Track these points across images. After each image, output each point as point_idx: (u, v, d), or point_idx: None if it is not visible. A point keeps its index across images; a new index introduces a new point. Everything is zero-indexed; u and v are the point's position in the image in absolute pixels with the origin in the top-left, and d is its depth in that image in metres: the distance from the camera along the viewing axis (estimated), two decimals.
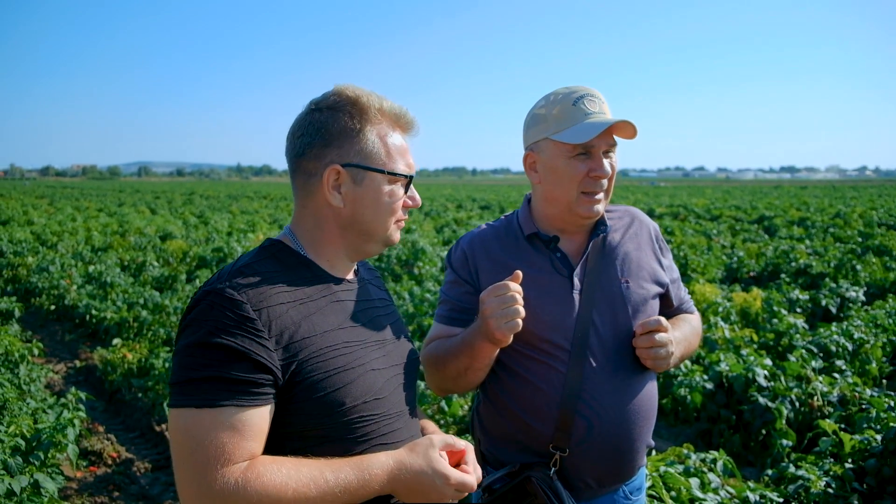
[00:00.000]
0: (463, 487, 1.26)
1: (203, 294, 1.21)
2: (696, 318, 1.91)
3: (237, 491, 1.10)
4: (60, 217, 21.82)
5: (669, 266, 1.83)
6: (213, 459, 1.11)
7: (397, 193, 1.36)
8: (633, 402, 1.65)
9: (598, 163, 1.64)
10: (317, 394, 1.21)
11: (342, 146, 1.32)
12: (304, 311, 1.25)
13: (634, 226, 1.81)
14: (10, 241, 13.17)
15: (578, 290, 1.67)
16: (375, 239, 1.38)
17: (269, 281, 1.25)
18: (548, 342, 1.65)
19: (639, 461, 1.70)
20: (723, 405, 4.64)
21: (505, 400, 1.71)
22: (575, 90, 1.67)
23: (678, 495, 2.98)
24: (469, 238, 1.82)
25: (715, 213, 23.49)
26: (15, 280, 10.44)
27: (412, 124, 1.41)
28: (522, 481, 1.59)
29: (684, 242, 13.59)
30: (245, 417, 1.14)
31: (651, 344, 1.59)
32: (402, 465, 1.23)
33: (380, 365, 1.34)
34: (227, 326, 1.16)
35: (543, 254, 1.72)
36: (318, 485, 1.15)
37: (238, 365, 1.15)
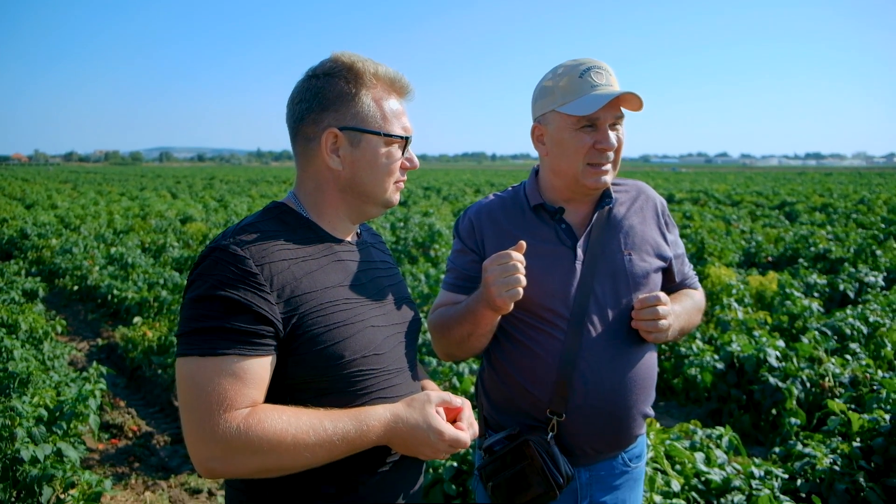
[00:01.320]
0: (456, 443, 1.31)
1: (208, 250, 1.27)
2: (698, 294, 1.92)
3: (239, 435, 1.16)
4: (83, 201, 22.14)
5: (674, 241, 1.85)
6: (216, 405, 1.17)
7: (394, 155, 1.41)
8: (630, 371, 1.68)
9: (604, 135, 1.66)
10: (317, 346, 1.26)
11: (339, 110, 1.36)
12: (305, 268, 1.31)
13: (640, 200, 1.83)
14: (34, 224, 13.44)
15: (581, 261, 1.70)
16: (374, 200, 1.43)
17: (272, 239, 1.30)
18: (549, 310, 1.69)
19: (636, 429, 1.73)
20: (733, 385, 4.66)
21: (506, 366, 1.76)
22: (582, 62, 1.68)
23: (683, 469, 3.03)
24: (476, 208, 1.86)
25: (736, 199, 23.26)
26: (39, 261, 10.65)
27: (407, 88, 1.45)
28: (521, 444, 1.64)
29: (703, 227, 13.51)
30: (247, 366, 1.20)
31: (652, 316, 1.62)
32: (398, 419, 1.28)
33: (379, 323, 1.39)
34: (231, 280, 1.21)
35: (548, 224, 1.76)
36: (317, 432, 1.21)
37: (240, 316, 1.20)
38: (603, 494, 1.74)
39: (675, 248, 1.85)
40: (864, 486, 3.08)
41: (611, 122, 1.67)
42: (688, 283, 1.92)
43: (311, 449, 1.20)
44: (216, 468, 1.19)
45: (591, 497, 1.73)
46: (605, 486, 1.74)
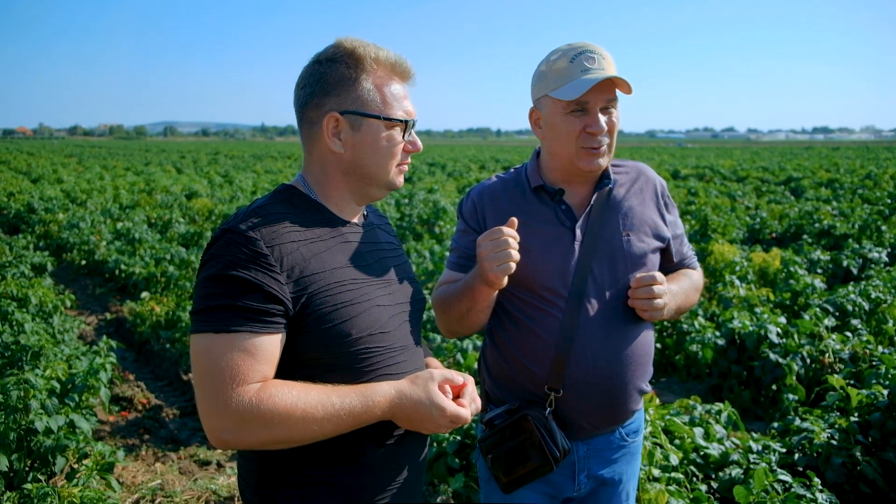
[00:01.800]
0: (457, 419, 1.36)
1: (221, 232, 1.31)
2: (697, 274, 1.95)
3: (250, 408, 1.21)
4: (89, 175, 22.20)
5: (673, 222, 1.87)
6: (229, 379, 1.22)
7: (395, 138, 1.44)
8: (626, 348, 1.72)
9: (594, 119, 1.69)
10: (325, 325, 1.31)
11: (340, 95, 1.39)
12: (313, 249, 1.35)
13: (640, 181, 1.85)
14: (41, 199, 13.50)
15: (580, 241, 1.74)
16: (377, 183, 1.46)
17: (281, 220, 1.34)
18: (548, 289, 1.73)
19: (632, 404, 1.78)
20: (734, 361, 4.72)
21: (507, 343, 1.81)
22: (575, 47, 1.71)
23: (682, 443, 3.09)
24: (479, 189, 1.90)
25: (741, 175, 23.18)
26: (47, 236, 10.73)
27: (409, 72, 1.47)
28: (520, 419, 1.69)
29: (708, 203, 13.50)
30: (258, 342, 1.25)
31: (647, 295, 1.66)
32: (402, 395, 1.33)
33: (385, 302, 1.43)
34: (242, 261, 1.26)
35: (548, 206, 1.79)
36: (325, 407, 1.26)
37: (252, 295, 1.25)
38: (600, 468, 1.79)
39: (674, 229, 1.88)
40: (861, 461, 3.13)
41: (602, 105, 1.70)
42: (686, 263, 1.95)
43: (318, 422, 1.25)
44: (229, 439, 1.24)
45: (588, 470, 1.78)
46: (602, 460, 1.79)
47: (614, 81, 1.68)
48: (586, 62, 1.68)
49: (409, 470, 1.46)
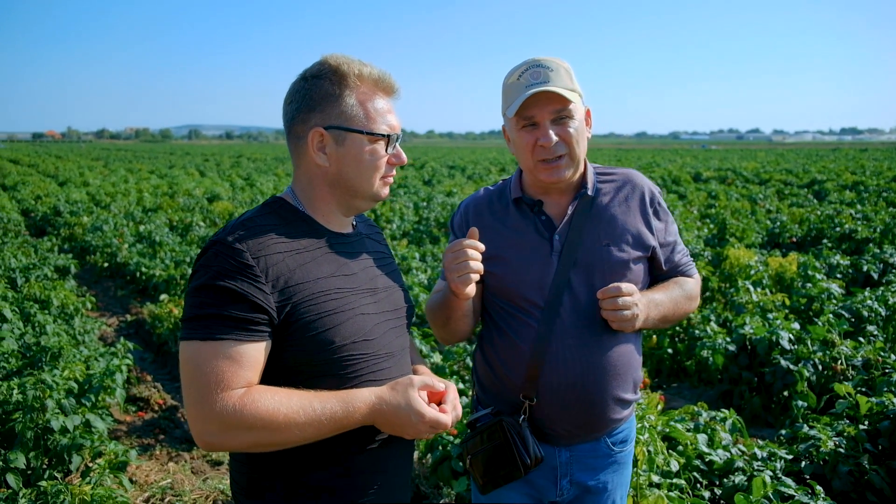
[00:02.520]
0: (436, 425, 1.39)
1: (210, 244, 1.37)
2: (691, 282, 1.93)
3: (234, 413, 1.26)
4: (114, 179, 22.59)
5: (663, 230, 1.87)
6: (214, 385, 1.27)
7: (378, 152, 1.48)
8: (602, 357, 1.74)
9: (543, 132, 1.71)
10: (309, 332, 1.36)
11: (324, 110, 1.45)
12: (299, 260, 1.40)
13: (626, 189, 1.85)
14: (66, 202, 13.79)
15: (558, 252, 1.77)
16: (362, 195, 1.51)
17: (268, 232, 1.39)
18: (525, 299, 1.77)
19: (610, 414, 1.78)
20: (745, 367, 4.70)
21: (490, 350, 1.86)
22: (526, 62, 1.74)
23: (685, 449, 3.09)
24: (467, 202, 1.95)
25: (764, 177, 22.91)
26: (72, 238, 10.95)
27: (393, 87, 1.52)
28: (496, 423, 1.75)
29: (728, 206, 13.39)
30: (242, 350, 1.30)
31: (613, 307, 1.67)
32: (382, 401, 1.37)
33: (370, 310, 1.47)
34: (229, 271, 1.31)
35: (528, 217, 1.83)
36: (307, 412, 1.31)
37: (237, 305, 1.30)
38: (584, 475, 1.82)
39: (665, 237, 1.87)
40: (868, 469, 3.11)
41: (551, 118, 1.72)
42: (681, 271, 1.93)
43: (300, 427, 1.30)
44: (213, 442, 1.30)
45: (571, 476, 1.81)
46: (586, 467, 1.82)
47: (548, 95, 1.69)
48: (531, 77, 1.71)
49: (394, 473, 1.50)
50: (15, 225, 11.85)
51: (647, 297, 1.75)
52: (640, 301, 1.70)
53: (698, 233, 10.20)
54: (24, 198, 16.06)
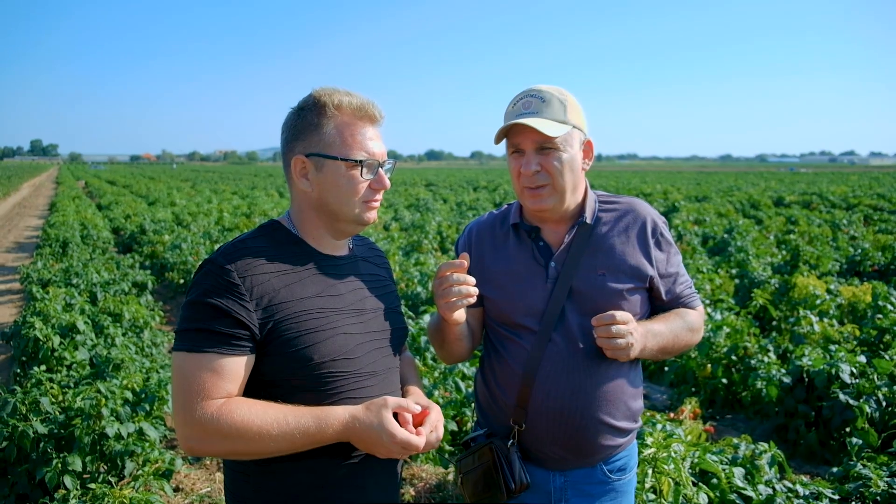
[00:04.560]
0: (407, 445, 1.43)
1: (204, 263, 1.48)
2: (694, 314, 1.89)
3: (211, 421, 1.36)
4: (199, 199, 23.71)
5: (664, 261, 1.84)
6: (195, 394, 1.38)
7: (356, 177, 1.54)
8: (590, 384, 1.74)
9: (526, 161, 1.75)
10: (289, 349, 1.44)
11: (306, 139, 1.54)
12: (285, 280, 1.49)
13: (627, 219, 1.85)
14: (152, 221, 14.58)
15: (553, 279, 1.79)
16: (344, 219, 1.58)
17: (258, 254, 1.49)
18: (519, 325, 1.80)
19: (601, 440, 1.77)
20: (801, 400, 4.49)
21: (488, 371, 1.90)
22: (523, 91, 1.79)
23: (719, 483, 3.00)
24: (472, 225, 2.00)
25: (852, 202, 21.80)
26: (153, 255, 11.57)
27: (374, 116, 1.58)
28: (485, 446, 1.78)
29: (807, 232, 12.83)
30: (224, 363, 1.40)
31: (606, 335, 1.66)
32: (355, 419, 1.43)
33: (354, 331, 1.54)
34: (216, 289, 1.42)
35: (525, 243, 1.85)
36: (280, 425, 1.38)
37: (222, 320, 1.40)
38: (579, 500, 1.81)
39: (667, 268, 1.85)
40: None
41: (534, 147, 1.73)
42: (683, 303, 1.90)
43: (274, 439, 1.38)
44: (194, 447, 1.41)
45: (566, 501, 1.81)
46: (581, 493, 1.81)
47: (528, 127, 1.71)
48: (523, 106, 1.75)
49: (374, 490, 1.55)
50: (104, 242, 12.62)
51: (644, 328, 1.74)
52: (635, 330, 1.68)
53: (771, 259, 9.82)
54: (116, 216, 17.10)
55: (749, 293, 7.31)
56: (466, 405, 4.22)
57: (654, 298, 1.86)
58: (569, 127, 1.74)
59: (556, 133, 1.70)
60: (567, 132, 1.74)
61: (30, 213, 23.98)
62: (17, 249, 14.44)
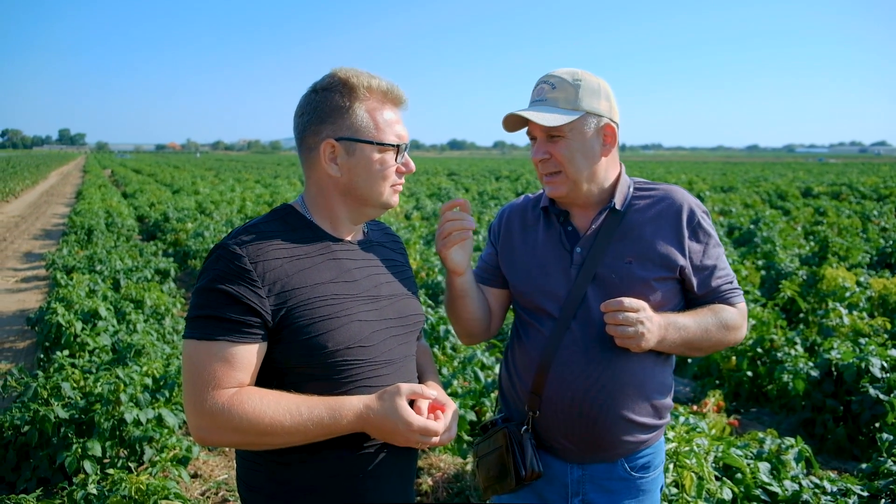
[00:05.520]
0: (426, 432, 1.39)
1: (215, 248, 1.44)
2: (731, 311, 1.77)
3: (222, 411, 1.32)
4: (222, 188, 23.85)
5: (700, 252, 1.75)
6: (206, 383, 1.34)
7: (388, 161, 1.52)
8: (609, 376, 1.68)
9: (535, 149, 1.74)
10: (302, 336, 1.39)
11: (335, 122, 1.49)
12: (299, 266, 1.44)
13: (661, 206, 1.77)
14: (175, 209, 14.69)
15: (578, 265, 1.73)
16: (372, 203, 1.55)
17: (270, 238, 1.45)
18: (540, 309, 1.76)
19: (618, 435, 1.71)
20: (830, 395, 4.38)
21: (510, 355, 1.87)
22: (541, 77, 1.74)
23: (744, 478, 2.92)
24: (505, 207, 1.98)
25: (883, 193, 21.32)
26: (176, 243, 11.65)
27: (400, 99, 1.56)
28: (500, 430, 1.75)
29: (836, 223, 12.56)
30: (235, 351, 1.35)
31: (615, 322, 1.60)
32: (369, 409, 1.39)
33: (369, 318, 1.49)
34: (228, 275, 1.37)
35: (554, 227, 1.81)
36: (293, 416, 1.34)
37: (233, 307, 1.36)
38: (598, 496, 1.75)
39: (702, 260, 1.75)
40: None
41: (543, 135, 1.71)
42: (720, 298, 1.78)
43: (286, 430, 1.34)
44: (205, 437, 1.37)
45: (583, 495, 1.75)
46: (600, 489, 1.75)
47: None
48: (536, 93, 1.72)
49: (389, 479, 1.50)
50: (129, 230, 12.75)
51: (666, 319, 1.66)
52: (648, 319, 1.61)
53: (798, 250, 9.63)
54: (141, 205, 17.26)
55: (775, 285, 7.16)
56: (485, 395, 4.18)
57: (687, 291, 1.78)
58: (578, 113, 1.68)
59: (555, 123, 1.66)
60: (575, 119, 1.68)
61: (57, 200, 24.34)
62: (43, 237, 14.66)
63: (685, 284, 1.77)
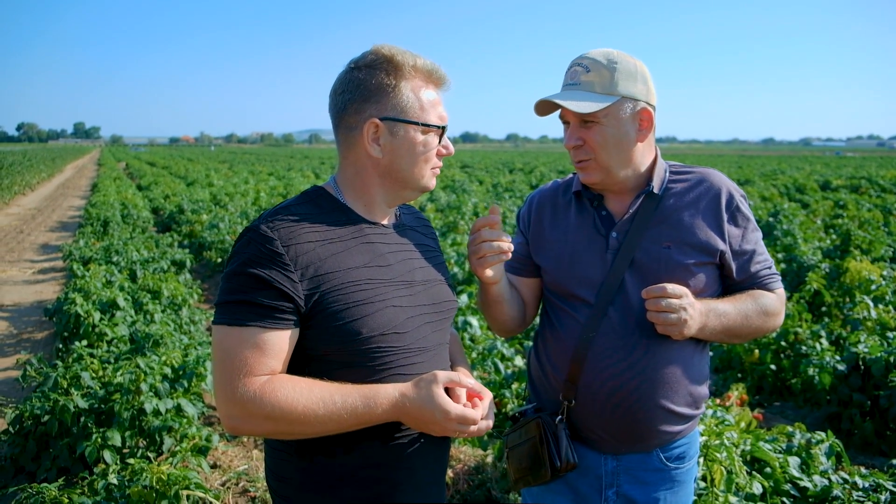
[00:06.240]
0: (464, 420, 1.34)
1: (245, 231, 1.39)
2: (771, 297, 1.72)
3: (254, 399, 1.28)
4: (236, 180, 23.91)
5: (739, 236, 1.70)
6: (238, 370, 1.29)
7: (431, 143, 1.47)
8: (647, 364, 1.63)
9: (568, 135, 1.68)
10: (336, 322, 1.35)
11: (380, 101, 1.42)
12: (332, 249, 1.39)
13: (698, 190, 1.71)
14: (190, 201, 14.72)
15: (614, 250, 1.68)
16: (413, 186, 1.50)
17: (302, 221, 1.40)
18: (575, 296, 1.71)
19: (658, 425, 1.66)
20: (857, 389, 4.30)
21: (541, 344, 1.81)
22: (576, 59, 1.68)
23: (773, 472, 2.86)
24: (534, 194, 1.92)
25: None
26: (191, 235, 11.69)
27: (444, 79, 1.50)
28: (533, 420, 1.70)
29: (857, 216, 12.38)
30: (267, 338, 1.31)
31: (657, 308, 1.55)
32: (405, 397, 1.34)
33: (404, 303, 1.44)
34: (259, 259, 1.32)
35: (587, 212, 1.75)
36: (327, 405, 1.30)
37: (265, 292, 1.31)
38: (633, 488, 1.71)
39: (742, 244, 1.70)
40: None
41: (577, 121, 1.65)
42: (759, 283, 1.73)
43: (320, 419, 1.30)
44: (236, 426, 1.32)
45: (618, 487, 1.71)
46: (634, 480, 1.71)
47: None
48: (570, 76, 1.66)
49: (422, 470, 1.46)
50: (144, 221, 12.80)
51: (707, 306, 1.62)
52: (690, 306, 1.56)
53: (819, 243, 9.50)
54: (155, 197, 17.33)
55: (797, 278, 7.06)
56: (506, 386, 4.13)
57: (726, 277, 1.72)
58: (613, 98, 1.61)
59: (589, 109, 1.60)
60: (611, 104, 1.61)
61: (73, 193, 24.50)
62: (60, 228, 14.75)
63: (724, 270, 1.72)
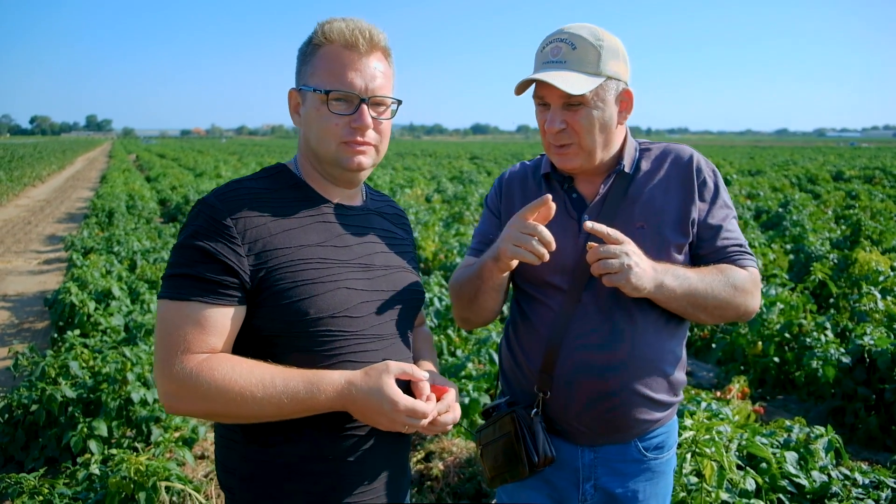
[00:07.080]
0: (413, 413, 1.26)
1: (196, 203, 1.34)
2: (741, 273, 1.60)
3: (189, 377, 1.22)
4: (245, 171, 23.91)
5: (708, 211, 1.62)
6: (176, 346, 1.24)
7: (325, 110, 1.35)
8: (625, 350, 1.55)
9: (550, 118, 1.55)
10: (283, 301, 1.29)
11: (299, 71, 1.41)
12: (284, 225, 1.33)
13: (666, 166, 1.64)
14: (197, 192, 14.72)
15: (586, 234, 1.58)
16: (326, 160, 1.39)
17: (254, 195, 1.34)
18: (547, 283, 1.62)
19: (637, 414, 1.58)
20: (861, 382, 4.19)
21: (513, 335, 1.73)
22: (554, 33, 1.57)
23: (769, 468, 2.77)
24: (502, 176, 1.83)
25: None
26: None
27: (359, 44, 1.35)
28: (507, 415, 1.61)
29: (868, 207, 12.19)
30: (209, 314, 1.25)
31: (597, 256, 1.44)
32: (352, 385, 1.27)
33: (357, 286, 1.37)
34: (206, 231, 1.27)
35: (558, 195, 1.65)
36: (266, 388, 1.23)
37: (209, 266, 1.26)
38: (611, 480, 1.63)
39: (707, 219, 1.61)
40: None
41: (561, 103, 1.52)
42: (728, 258, 1.63)
43: (258, 402, 1.23)
44: (173, 404, 1.27)
45: (595, 480, 1.63)
46: (612, 472, 1.63)
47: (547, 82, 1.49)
48: (551, 53, 1.53)
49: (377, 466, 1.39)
50: (150, 212, 12.80)
51: (663, 265, 1.51)
52: (633, 252, 1.44)
53: (829, 234, 9.34)
54: (163, 188, 17.35)
55: (805, 269, 6.93)
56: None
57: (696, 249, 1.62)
58: (602, 79, 1.51)
59: (582, 90, 1.48)
60: (599, 85, 1.51)
61: (82, 185, 24.60)
62: (67, 220, 14.79)
63: (693, 246, 1.63)
